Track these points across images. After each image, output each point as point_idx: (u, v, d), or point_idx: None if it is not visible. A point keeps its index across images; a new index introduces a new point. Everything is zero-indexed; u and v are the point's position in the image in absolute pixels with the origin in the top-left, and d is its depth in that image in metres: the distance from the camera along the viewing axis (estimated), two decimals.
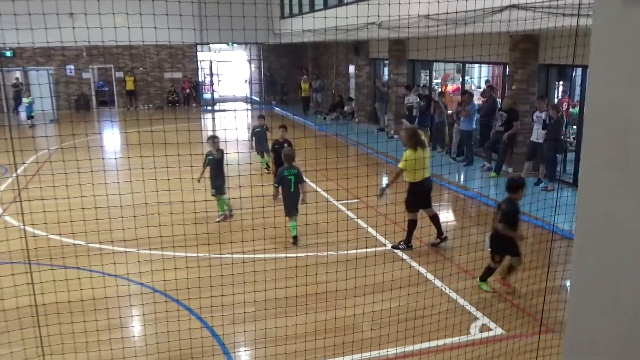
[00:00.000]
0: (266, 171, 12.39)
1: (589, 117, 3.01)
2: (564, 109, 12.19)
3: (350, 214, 10.01)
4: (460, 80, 17.15)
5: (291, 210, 8.27)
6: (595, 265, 2.91)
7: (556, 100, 12.92)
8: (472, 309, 6.61)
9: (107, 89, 28.11)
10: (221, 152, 9.46)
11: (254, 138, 12.62)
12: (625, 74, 2.60)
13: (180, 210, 6.90)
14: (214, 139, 9.49)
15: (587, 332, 3.03)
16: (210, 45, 28.96)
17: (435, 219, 8.44)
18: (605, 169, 2.72)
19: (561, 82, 13.54)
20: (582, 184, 3.09)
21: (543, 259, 7.41)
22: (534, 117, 11.84)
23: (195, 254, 7.44)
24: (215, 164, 9.35)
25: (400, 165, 8.09)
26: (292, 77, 29.29)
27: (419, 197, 8.28)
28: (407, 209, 8.40)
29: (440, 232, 8.45)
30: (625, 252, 2.68)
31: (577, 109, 12.75)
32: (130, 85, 27.27)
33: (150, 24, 6.22)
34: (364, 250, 7.65)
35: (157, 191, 5.89)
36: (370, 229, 9.05)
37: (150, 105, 27.83)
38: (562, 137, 11.32)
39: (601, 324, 2.92)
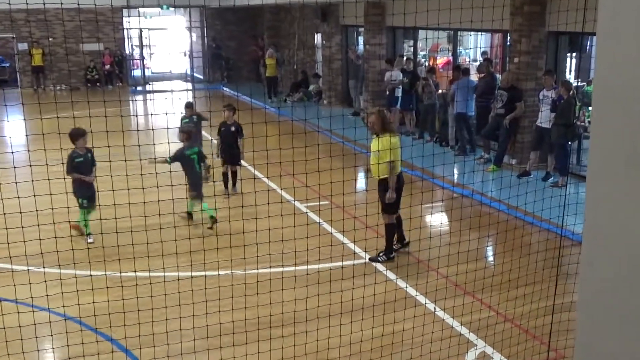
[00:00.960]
0: (208, 175, 11.85)
1: (597, 100, 3.06)
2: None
3: (318, 219, 10.02)
4: (452, 51, 17.34)
5: (198, 191, 9.30)
6: (606, 276, 2.97)
7: (567, 76, 13.17)
8: (466, 331, 6.70)
9: (7, 64, 27.58)
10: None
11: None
12: (638, 48, 2.64)
13: (96, 217, 6.81)
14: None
15: (599, 355, 3.10)
16: (140, 9, 28.66)
17: (399, 221, 8.84)
18: (617, 163, 2.78)
19: (574, 54, 13.81)
20: (590, 180, 3.14)
21: (551, 270, 7.54)
22: (541, 97, 12.06)
23: (118, 273, 7.36)
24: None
25: (388, 157, 8.18)
26: (243, 49, 29.18)
27: (397, 195, 8.54)
28: (383, 210, 8.56)
29: (402, 237, 8.91)
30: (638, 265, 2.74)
31: (592, 87, 13.04)
32: (37, 60, 26.77)
33: None
34: (333, 263, 7.63)
35: (66, 193, 5.79)
36: (338, 235, 9.08)
37: (63, 86, 27.38)
38: (575, 120, 11.54)
39: (615, 345, 2.98)
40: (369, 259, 8.68)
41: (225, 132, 11.72)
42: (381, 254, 8.68)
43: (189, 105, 12.84)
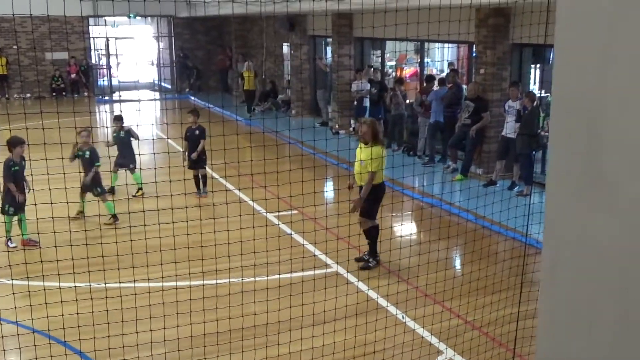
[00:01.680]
0: (140, 192, 11.97)
1: (555, 112, 3.18)
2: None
3: (285, 228, 10.08)
4: (418, 62, 17.56)
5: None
6: (566, 285, 3.08)
7: (532, 88, 13.44)
8: (435, 341, 6.81)
9: None
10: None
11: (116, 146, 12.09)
12: (595, 57, 2.77)
13: (65, 228, 6.77)
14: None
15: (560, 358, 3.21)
16: (106, 17, 28.47)
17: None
18: (575, 172, 2.90)
19: (537, 65, 14.11)
20: (549, 190, 3.26)
21: (515, 278, 7.69)
22: (506, 108, 12.29)
23: (87, 284, 7.32)
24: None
25: (374, 167, 8.44)
26: (211, 58, 29.18)
27: (379, 202, 8.74)
28: (365, 216, 8.70)
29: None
30: (599, 269, 2.86)
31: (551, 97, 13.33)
32: (1, 69, 26.42)
33: None
34: (302, 273, 7.72)
35: (35, 204, 5.77)
36: (310, 246, 9.14)
37: (28, 95, 27.04)
38: (539, 131, 11.78)
39: (574, 349, 3.10)
40: (360, 267, 8.79)
41: (190, 137, 12.10)
42: (370, 260, 8.84)
43: (117, 119, 12.38)
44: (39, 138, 5.60)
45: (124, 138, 12.10)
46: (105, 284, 7.10)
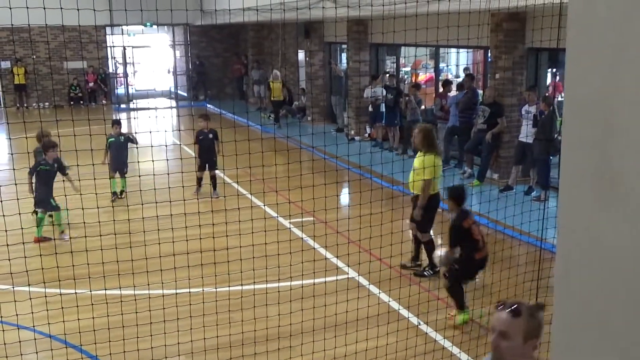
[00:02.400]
0: (119, 197, 12.42)
1: (568, 115, 3.16)
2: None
3: (303, 235, 10.08)
4: (434, 68, 17.54)
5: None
6: (581, 291, 3.06)
7: (548, 92, 13.37)
8: (451, 347, 6.77)
9: None
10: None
11: (108, 152, 12.28)
12: (607, 61, 2.76)
13: (81, 234, 6.82)
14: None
15: None
16: (123, 27, 28.72)
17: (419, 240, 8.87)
18: (588, 176, 2.88)
19: (554, 70, 14.04)
20: (562, 193, 3.24)
21: (531, 283, 7.62)
22: (523, 112, 12.22)
23: (103, 290, 7.37)
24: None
25: (427, 175, 8.32)
26: (227, 66, 29.32)
27: (432, 214, 8.67)
28: (419, 229, 8.72)
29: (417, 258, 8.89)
30: (614, 272, 2.83)
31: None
32: (19, 79, 26.69)
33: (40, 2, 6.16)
34: (317, 279, 7.69)
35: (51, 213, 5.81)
36: (328, 254, 9.14)
37: (47, 104, 27.31)
38: (556, 135, 11.71)
39: (589, 354, 3.07)
40: (414, 274, 8.81)
41: (203, 140, 12.56)
42: (426, 269, 8.82)
43: (116, 123, 12.82)
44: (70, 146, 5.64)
45: (123, 143, 12.44)
46: (120, 290, 7.14)
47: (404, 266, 8.92)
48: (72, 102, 27.40)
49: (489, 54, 13.74)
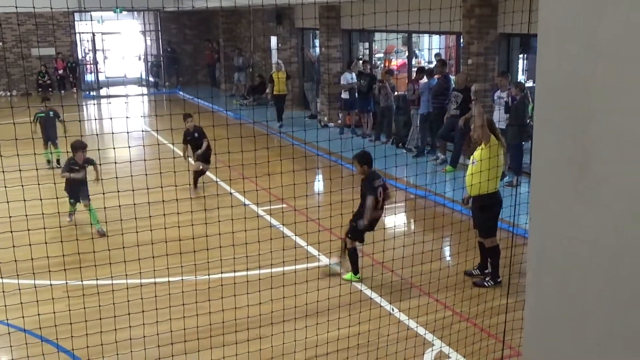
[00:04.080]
0: (57, 165, 13.26)
1: (539, 100, 3.19)
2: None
3: (274, 222, 10.10)
4: (407, 54, 17.59)
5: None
6: (553, 277, 3.13)
7: (520, 77, 13.51)
8: (425, 333, 6.85)
9: None
10: None
11: (38, 124, 13.62)
12: (580, 45, 2.79)
13: (55, 225, 6.78)
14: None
15: (547, 351, 3.26)
16: (93, 13, 28.32)
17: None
18: (560, 162, 2.92)
19: (525, 55, 14.17)
20: (534, 179, 3.28)
21: (503, 268, 7.75)
22: (495, 98, 12.33)
23: (79, 281, 7.32)
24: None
25: (483, 166, 7.50)
26: (198, 52, 29.12)
27: (495, 215, 7.91)
28: (485, 234, 7.89)
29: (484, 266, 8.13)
30: (585, 258, 2.90)
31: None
32: None
33: None
34: (289, 267, 7.70)
35: (24, 200, 5.77)
36: (299, 240, 9.16)
37: (14, 92, 26.89)
38: (528, 121, 11.84)
39: (561, 339, 3.15)
40: (473, 283, 8.02)
41: (191, 140, 12.60)
42: (487, 280, 8.00)
43: (45, 99, 14.21)
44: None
45: (52, 118, 13.68)
46: (96, 280, 7.10)
47: (469, 274, 8.21)
48: (40, 90, 26.99)
49: (462, 40, 13.82)
